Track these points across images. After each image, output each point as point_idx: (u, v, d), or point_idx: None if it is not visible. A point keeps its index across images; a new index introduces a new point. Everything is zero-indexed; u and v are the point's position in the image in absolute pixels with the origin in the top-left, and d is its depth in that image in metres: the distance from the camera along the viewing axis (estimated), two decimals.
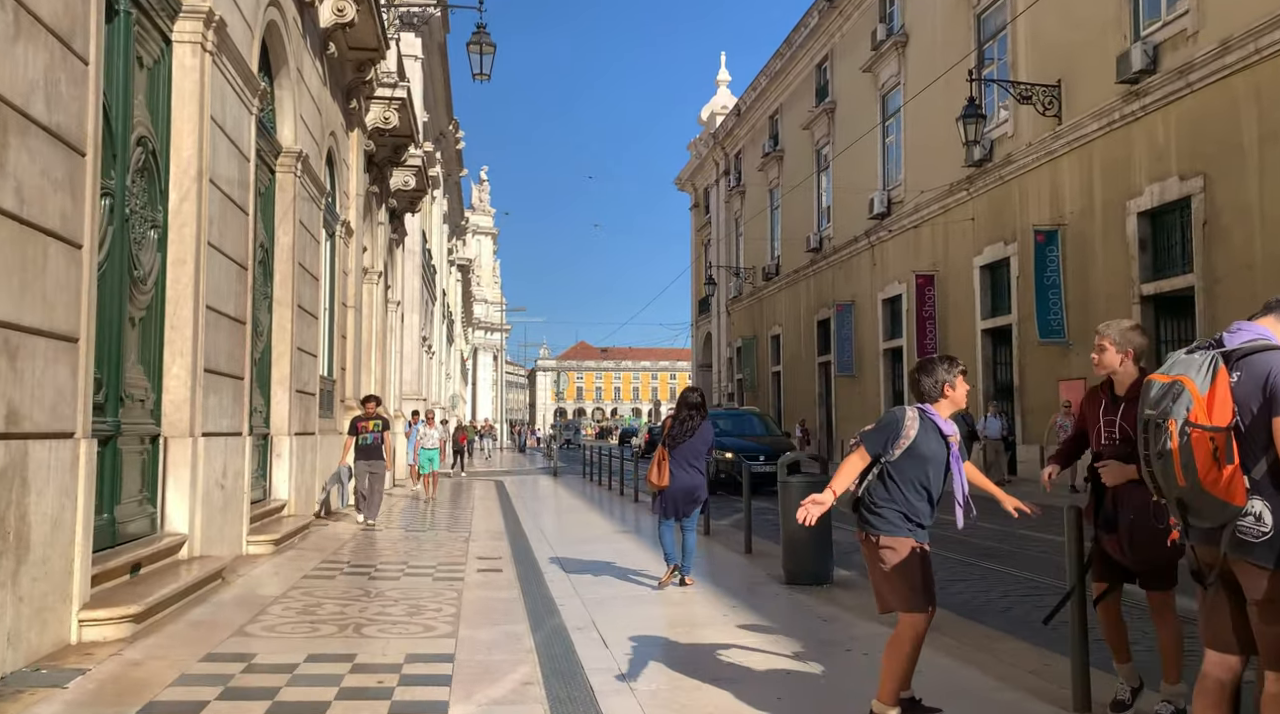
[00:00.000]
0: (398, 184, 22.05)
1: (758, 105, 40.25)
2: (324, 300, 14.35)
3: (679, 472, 8.48)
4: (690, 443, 8.46)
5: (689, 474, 8.47)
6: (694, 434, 8.47)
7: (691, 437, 8.46)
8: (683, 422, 8.56)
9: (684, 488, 8.44)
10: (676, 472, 8.49)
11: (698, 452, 8.47)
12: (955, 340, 24.07)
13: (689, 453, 8.45)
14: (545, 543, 10.92)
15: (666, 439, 8.70)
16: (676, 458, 8.51)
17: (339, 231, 15.22)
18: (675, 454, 8.52)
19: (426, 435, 16.94)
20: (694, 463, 8.46)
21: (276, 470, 11.37)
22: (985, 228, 22.69)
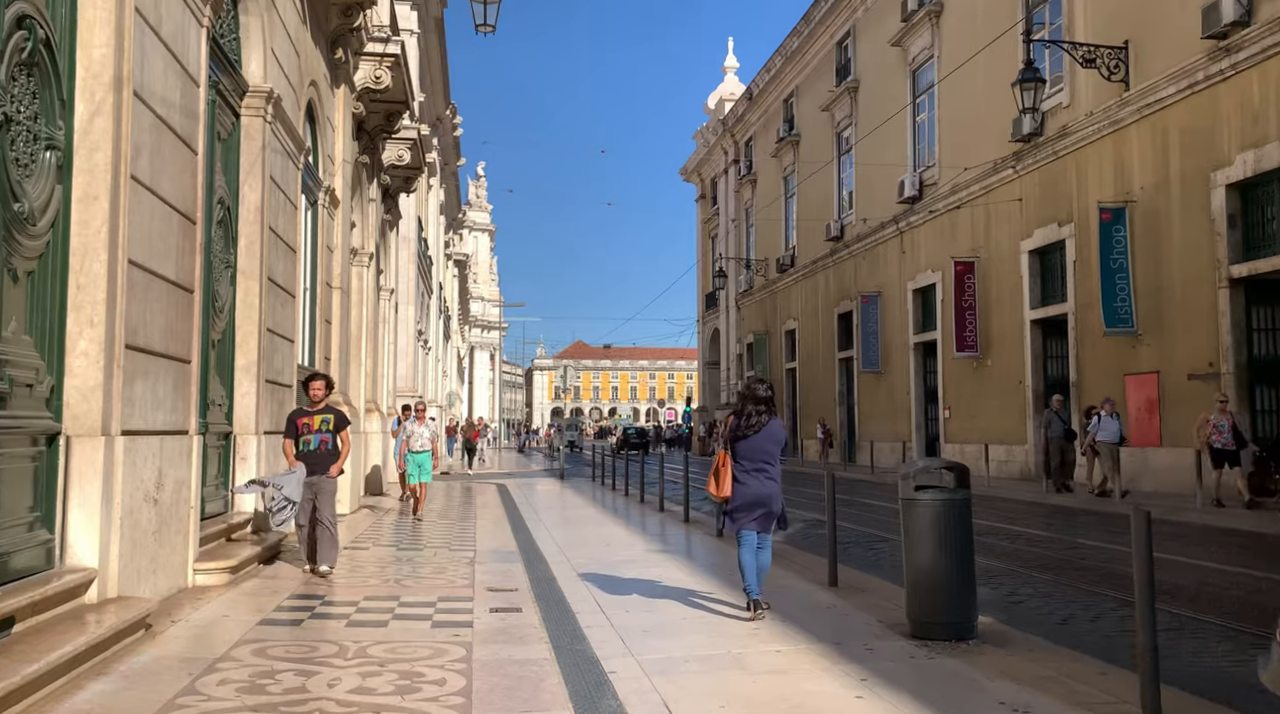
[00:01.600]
0: (391, 158, 20.07)
1: (771, 88, 38.28)
2: (303, 277, 12.35)
3: (745, 478, 6.63)
4: (756, 442, 6.63)
5: (757, 481, 6.62)
6: (760, 432, 6.61)
7: (757, 435, 6.62)
8: (747, 417, 6.70)
9: (752, 499, 6.61)
10: (742, 478, 6.62)
11: (767, 453, 6.63)
12: (999, 332, 22.11)
13: (756, 455, 6.62)
14: (567, 564, 8.94)
15: (727, 439, 6.79)
16: (741, 462, 6.59)
17: (322, 200, 13.22)
18: (740, 457, 6.61)
19: (415, 435, 13.63)
20: (763, 467, 6.62)
21: (242, 476, 9.36)
22: (1035, 209, 20.73)
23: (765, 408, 6.71)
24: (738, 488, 6.63)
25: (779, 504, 6.61)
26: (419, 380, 30.91)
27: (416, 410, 14.40)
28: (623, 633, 5.91)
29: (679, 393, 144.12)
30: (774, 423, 6.70)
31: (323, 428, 8.52)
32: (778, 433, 6.68)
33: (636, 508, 15.36)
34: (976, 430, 22.85)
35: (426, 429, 13.79)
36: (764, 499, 6.56)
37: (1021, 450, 21.01)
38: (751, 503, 6.59)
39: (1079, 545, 10.81)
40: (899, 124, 26.94)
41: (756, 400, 6.73)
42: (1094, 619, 6.60)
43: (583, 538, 11.27)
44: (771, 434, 6.64)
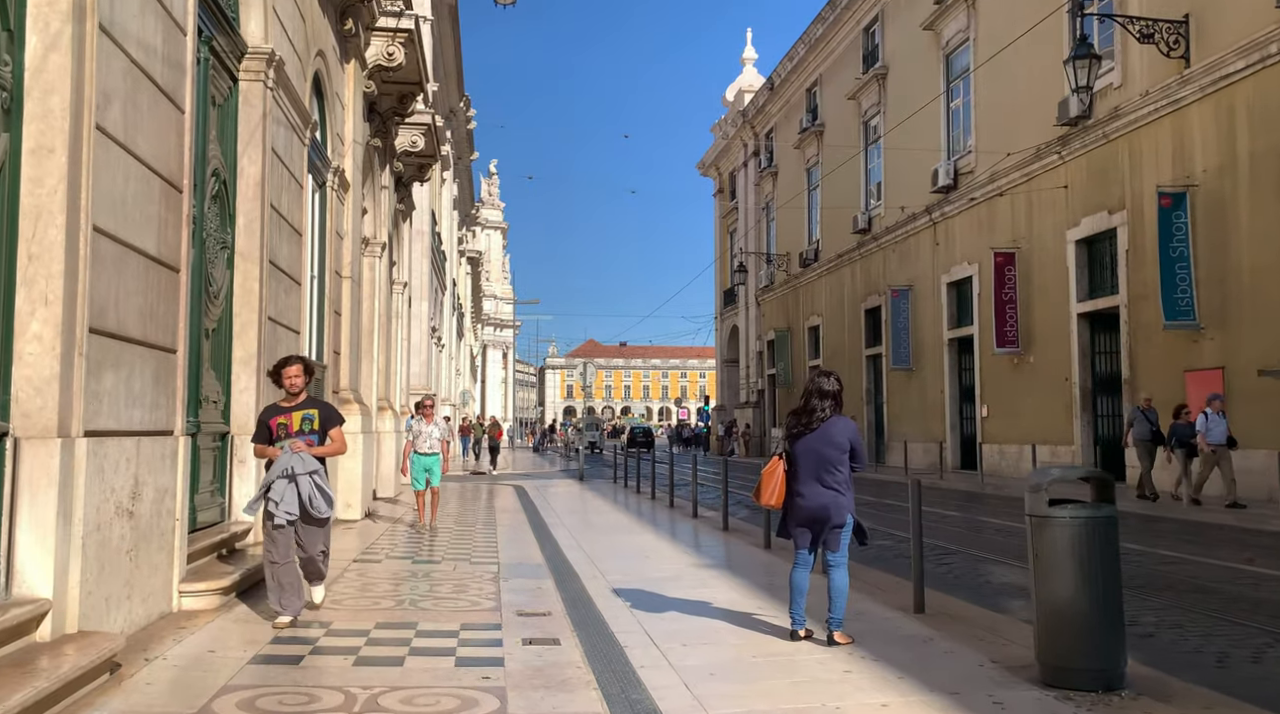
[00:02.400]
0: (404, 144, 19.10)
1: (794, 78, 37.19)
2: (310, 264, 11.39)
3: (804, 486, 5.64)
4: (816, 443, 5.64)
5: (815, 489, 5.63)
6: (820, 429, 5.66)
7: (815, 433, 5.66)
8: (809, 413, 5.69)
9: (811, 509, 5.64)
10: (801, 486, 5.64)
11: (830, 458, 5.62)
12: (1042, 326, 21.01)
13: (817, 458, 5.63)
14: (601, 580, 7.95)
15: (786, 439, 5.79)
16: (801, 466, 5.64)
17: (331, 182, 12.26)
18: (797, 460, 5.65)
19: (422, 435, 12.01)
20: (826, 472, 5.63)
21: (240, 482, 8.40)
22: (1082, 196, 19.61)
23: (830, 402, 5.71)
24: (793, 499, 5.64)
25: (842, 515, 5.59)
26: (432, 378, 30.01)
27: (424, 407, 12.44)
28: (685, 676, 4.90)
29: (692, 391, 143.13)
30: (840, 421, 5.69)
31: (304, 428, 6.30)
32: (843, 432, 5.66)
33: (665, 513, 14.36)
34: (1018, 430, 21.74)
35: (436, 429, 12.04)
36: (821, 511, 5.57)
37: (1068, 451, 19.90)
38: (808, 517, 5.60)
39: (1187, 561, 9.74)
40: (931, 111, 25.82)
41: (821, 393, 5.72)
42: (1254, 658, 5.55)
43: (614, 548, 10.27)
44: (835, 433, 5.63)
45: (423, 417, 12.22)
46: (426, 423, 12.09)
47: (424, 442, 12.00)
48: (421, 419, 12.20)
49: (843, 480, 5.58)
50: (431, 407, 12.44)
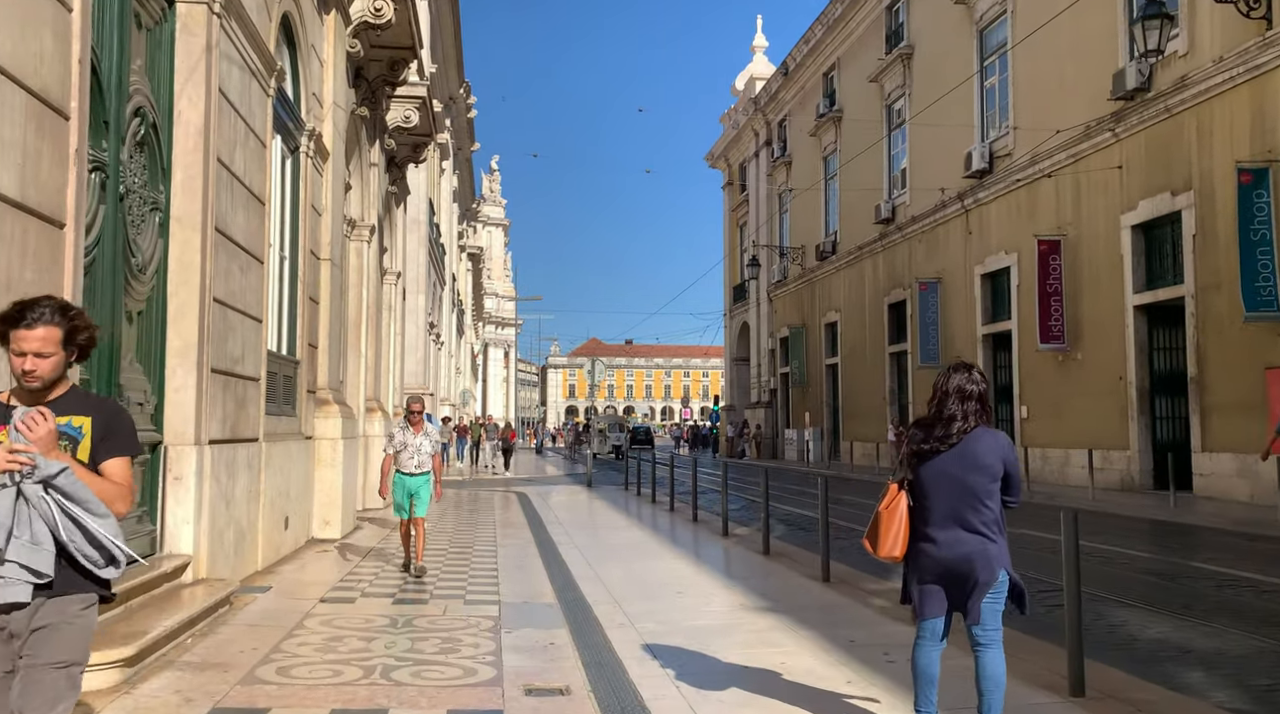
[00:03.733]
0: (396, 119, 17.40)
1: (809, 62, 35.45)
2: (277, 240, 9.69)
3: (938, 529, 3.89)
4: (954, 466, 3.88)
5: (953, 534, 3.87)
6: (961, 447, 3.89)
7: (954, 451, 3.89)
8: (946, 423, 3.92)
9: (949, 562, 3.88)
10: (932, 529, 3.90)
11: (975, 488, 3.86)
12: (1092, 320, 19.29)
13: (957, 489, 3.87)
14: (631, 631, 6.26)
15: (908, 460, 4.03)
16: (933, 499, 3.90)
17: (306, 147, 10.56)
18: (930, 490, 3.90)
19: (408, 449, 8.85)
20: (971, 509, 3.86)
21: (174, 504, 6.70)
22: (1140, 176, 17.89)
23: (975, 408, 3.95)
24: (920, 546, 3.91)
25: (993, 570, 3.82)
26: (430, 376, 28.33)
27: (410, 411, 9.05)
28: None
29: (695, 391, 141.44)
30: (987, 434, 3.92)
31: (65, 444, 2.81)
32: (993, 451, 3.89)
33: (688, 529, 12.65)
34: (1063, 433, 20.03)
35: (426, 440, 8.91)
36: (963, 565, 3.83)
37: (1121, 456, 18.18)
38: (942, 572, 3.87)
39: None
40: (963, 91, 24.09)
41: (961, 395, 3.95)
42: None
43: (638, 579, 8.56)
44: (982, 452, 3.86)
45: (409, 424, 8.97)
46: (414, 432, 8.89)
47: (410, 457, 8.83)
48: (407, 427, 8.96)
49: (992, 520, 3.85)
50: (421, 412, 9.09)
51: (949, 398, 3.93)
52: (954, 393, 3.93)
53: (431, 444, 8.93)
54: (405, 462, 8.81)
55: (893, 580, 8.62)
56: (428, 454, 8.90)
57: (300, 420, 10.43)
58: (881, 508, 3.98)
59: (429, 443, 8.93)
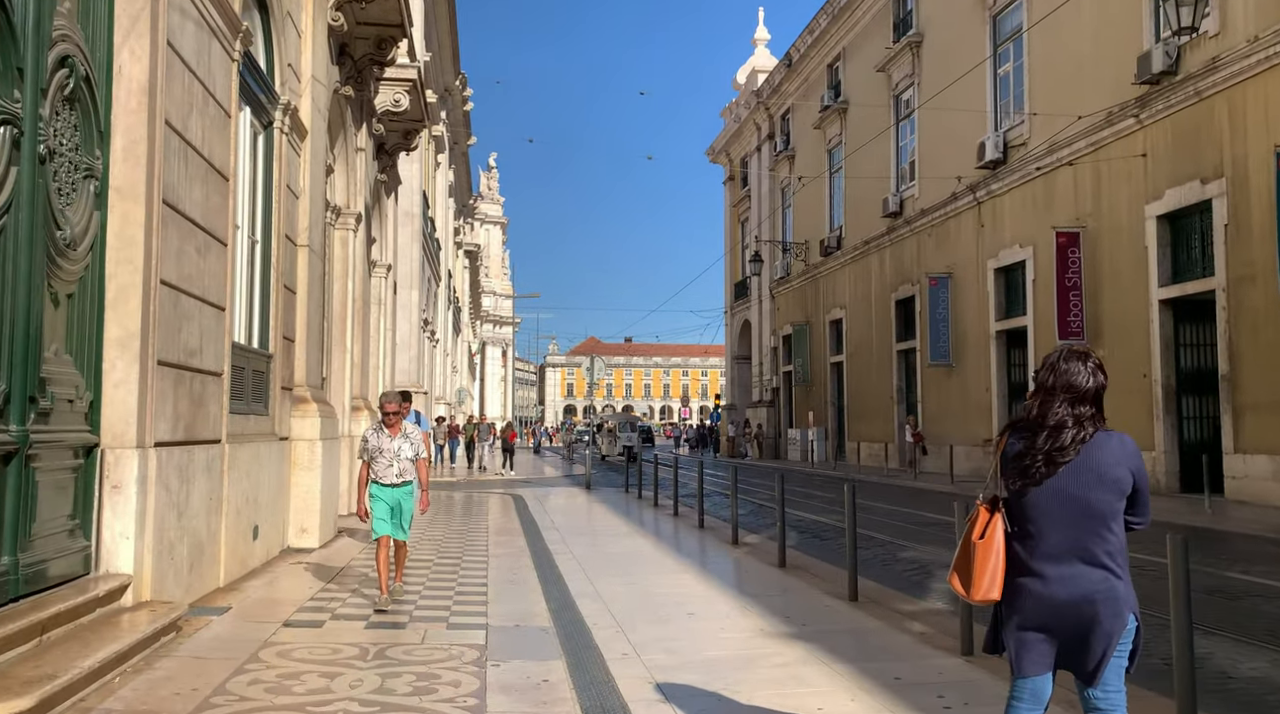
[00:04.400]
0: (386, 103, 16.54)
1: (814, 52, 34.61)
2: (243, 219, 8.84)
3: (1047, 562, 2.98)
4: (1073, 483, 2.96)
5: (1076, 568, 2.96)
6: (1082, 458, 2.97)
7: (1073, 465, 2.96)
8: (1056, 430, 3.01)
9: (1062, 603, 2.96)
10: (1039, 562, 3.00)
11: (1099, 509, 2.95)
12: (1114, 315, 18.46)
13: (1078, 511, 2.96)
14: (637, 662, 5.44)
15: (1007, 479, 3.09)
16: (1043, 525, 2.98)
17: (280, 122, 9.70)
18: (1038, 515, 2.98)
19: (384, 454, 7.27)
20: (1092, 536, 2.96)
21: (112, 516, 5.84)
22: (1166, 164, 17.05)
23: (1091, 413, 3.05)
24: (1023, 583, 3.01)
25: (1122, 614, 2.92)
26: (424, 374, 27.48)
27: (384, 411, 7.43)
28: None
29: (694, 390, 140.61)
30: (1111, 438, 3.01)
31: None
32: (1121, 461, 2.97)
33: (694, 537, 11.80)
34: None
35: (407, 443, 7.34)
36: (1083, 608, 2.92)
37: (1146, 457, 17.26)
38: (1051, 617, 2.97)
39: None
40: (976, 79, 23.25)
41: (1074, 396, 3.02)
42: None
43: (645, 596, 7.70)
44: (1108, 464, 2.95)
45: (383, 426, 7.37)
46: (389, 434, 7.31)
47: (387, 465, 7.24)
48: (382, 429, 7.35)
49: (1117, 549, 2.97)
50: (398, 412, 7.50)
51: (1055, 399, 3.03)
52: (1062, 392, 3.03)
53: (413, 447, 7.40)
54: (383, 470, 7.28)
55: (928, 599, 7.77)
56: (409, 459, 7.36)
57: (274, 420, 9.57)
58: (974, 538, 3.09)
59: (409, 446, 7.38)
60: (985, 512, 3.12)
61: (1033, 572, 2.99)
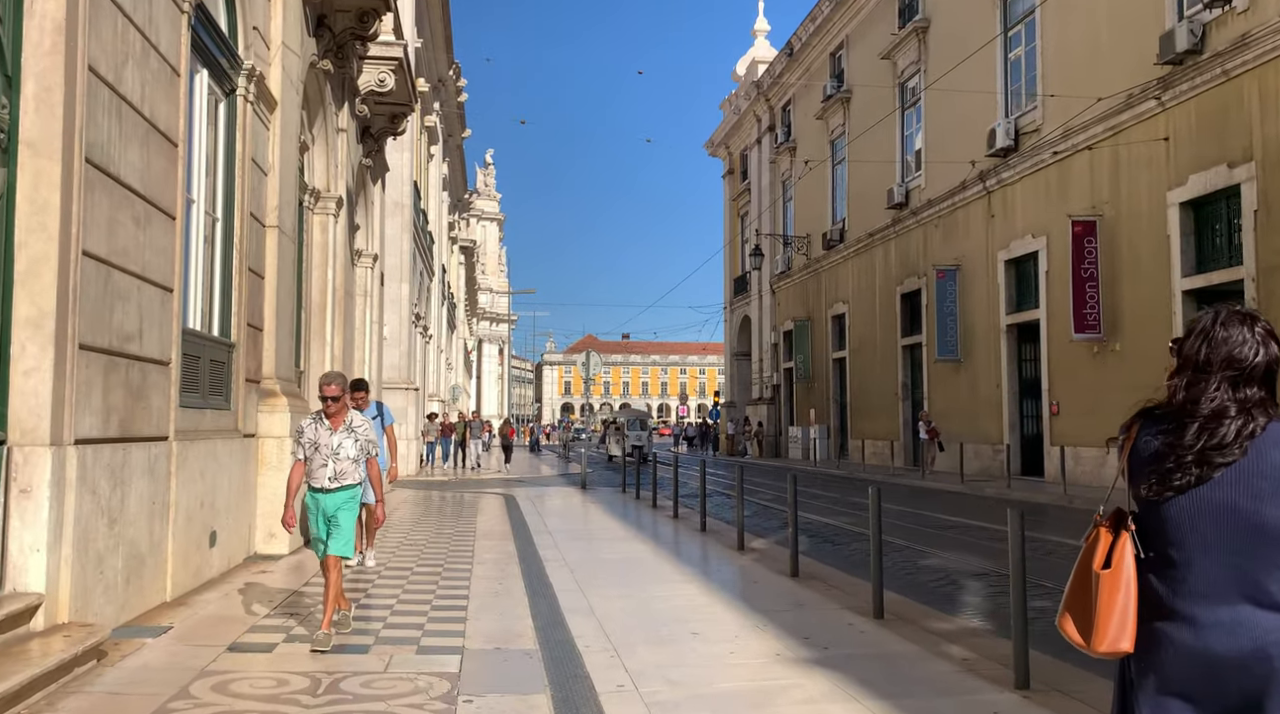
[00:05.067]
0: (370, 82, 15.70)
1: (816, 41, 33.79)
2: (200, 193, 8.01)
3: (1200, 604, 2.09)
4: (1238, 493, 2.08)
5: (1243, 611, 2.04)
6: (1250, 459, 2.08)
7: (1237, 468, 2.08)
8: (1210, 423, 2.13)
9: (1227, 659, 2.07)
10: (1189, 604, 2.11)
11: (1272, 527, 2.05)
12: (1133, 307, 17.66)
13: (1243, 533, 2.07)
14: (633, 694, 4.66)
15: (1140, 487, 2.23)
16: (1194, 553, 2.09)
17: (245, 90, 8.86)
18: (1185, 536, 2.10)
19: (321, 450, 5.89)
20: (1270, 566, 2.06)
21: (19, 525, 5.01)
22: (1190, 148, 16.24)
23: (1258, 394, 2.20)
24: (1164, 630, 2.15)
25: None
26: (414, 370, 26.63)
27: (324, 397, 5.91)
28: None
29: (692, 388, 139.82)
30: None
31: None
32: None
33: (696, 541, 10.99)
34: (1099, 431, 18.30)
35: (350, 438, 5.93)
36: (1251, 667, 2.05)
37: None
38: (1207, 676, 2.09)
39: None
40: (985, 64, 22.44)
41: (1237, 371, 2.18)
42: None
43: (644, 612, 6.88)
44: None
45: (323, 416, 5.92)
46: (331, 427, 5.89)
47: (320, 463, 5.85)
48: (321, 419, 5.92)
49: None
50: (342, 398, 5.92)
51: (1211, 378, 2.19)
52: (1221, 368, 2.19)
53: (359, 445, 5.93)
54: (315, 470, 5.85)
55: (961, 616, 6.95)
56: (351, 459, 5.88)
57: (237, 415, 8.74)
58: (1096, 567, 2.26)
59: (354, 443, 5.90)
60: (1108, 532, 2.28)
61: (1178, 615, 2.15)
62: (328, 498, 5.89)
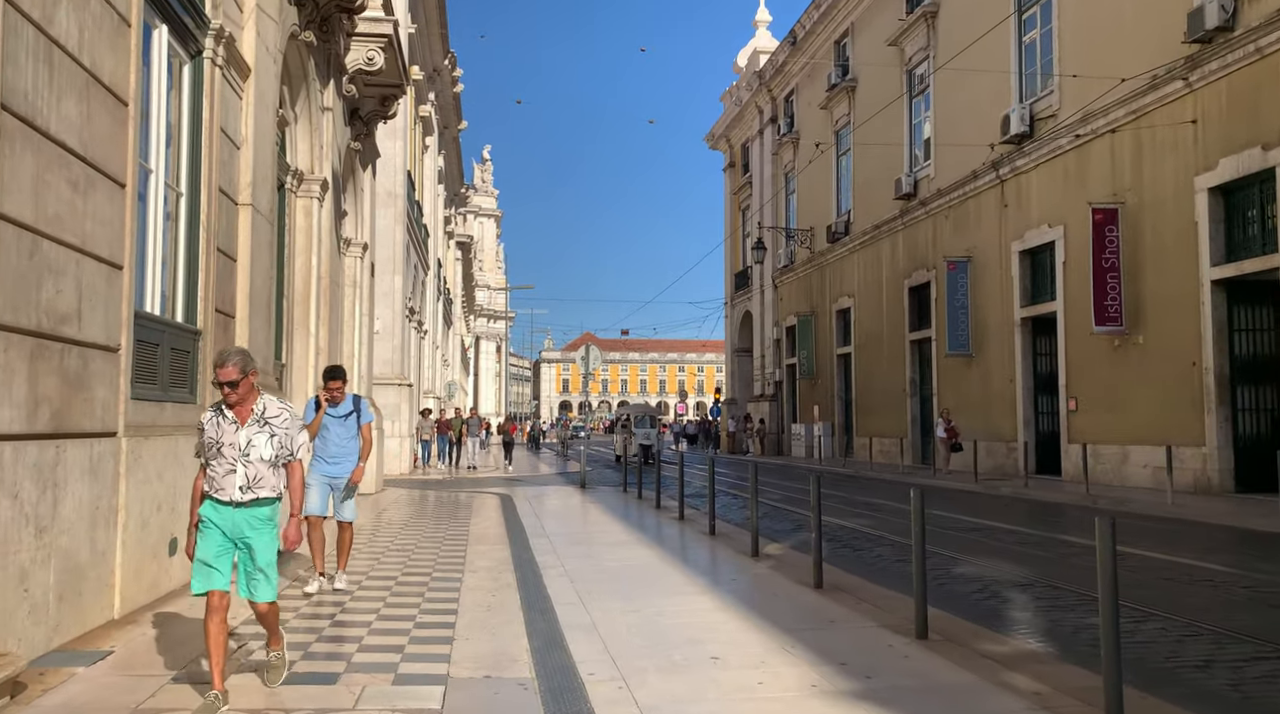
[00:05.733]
0: (357, 60, 14.91)
1: (819, 29, 33.00)
2: (159, 163, 7.22)
3: None
4: None
5: None
6: None
7: None
8: None
9: None
10: None
11: None
12: (1157, 298, 16.89)
13: None
14: None
15: None
16: None
17: (212, 51, 8.06)
18: None
19: (222, 455, 4.38)
20: None
21: None
22: (1220, 130, 15.47)
23: None
24: None
25: None
26: (408, 365, 25.84)
27: (220, 382, 4.38)
28: None
29: (690, 386, 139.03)
30: None
31: None
32: None
33: (705, 546, 10.21)
34: (1120, 428, 17.62)
35: (265, 435, 4.46)
36: None
37: (1195, 453, 15.76)
38: None
39: None
40: (999, 48, 21.66)
41: None
42: None
43: (655, 630, 6.10)
44: None
45: (223, 407, 4.50)
46: (237, 421, 4.46)
47: (224, 469, 4.41)
48: (221, 412, 4.49)
49: None
50: (240, 383, 4.40)
51: None
52: None
53: (279, 442, 4.47)
54: (221, 479, 4.36)
55: (1015, 635, 6.16)
56: (266, 462, 4.42)
57: (203, 410, 7.94)
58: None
59: (269, 440, 4.43)
60: None
61: None
62: (238, 514, 4.39)
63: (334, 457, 7.43)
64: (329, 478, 7.46)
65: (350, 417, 7.51)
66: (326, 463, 7.44)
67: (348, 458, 7.44)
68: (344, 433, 7.46)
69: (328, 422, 7.47)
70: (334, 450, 7.43)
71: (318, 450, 7.46)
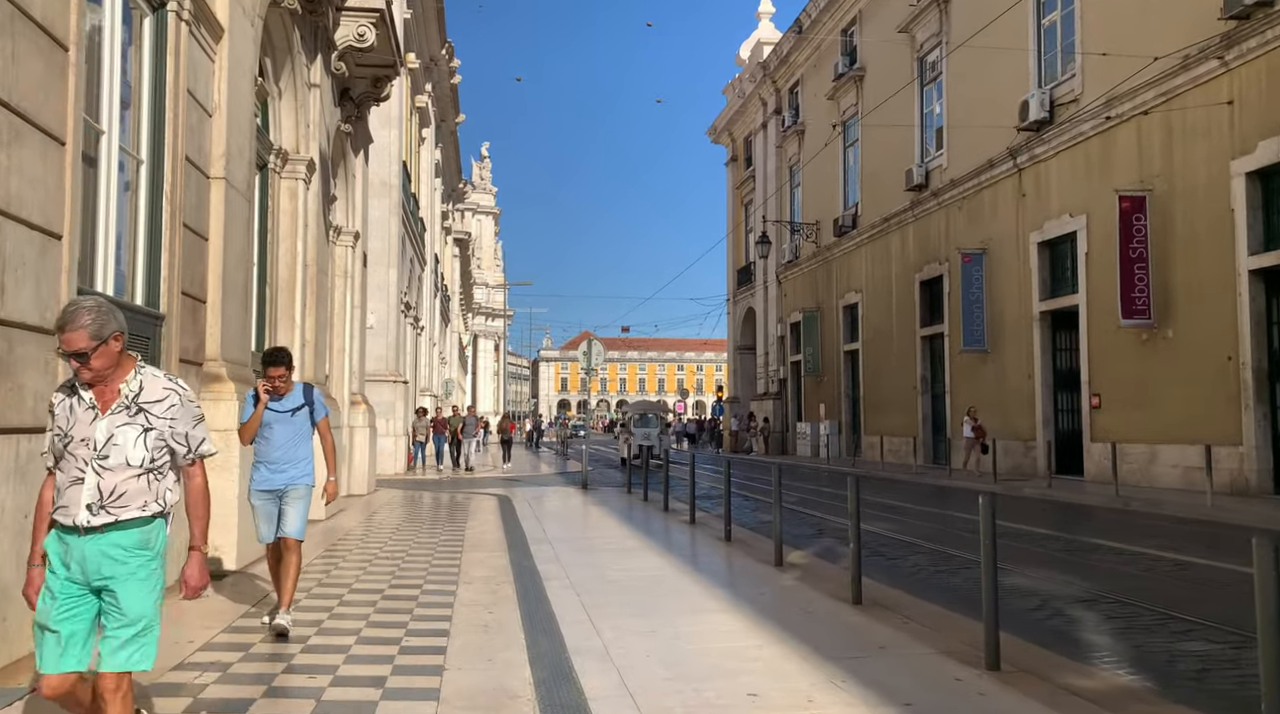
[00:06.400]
0: (347, 36, 14.06)
1: (825, 17, 32.18)
2: (111, 123, 6.38)
3: None
4: None
5: None
6: None
7: None
8: None
9: None
10: None
11: None
12: (1189, 290, 16.07)
13: None
14: None
15: None
16: None
17: (178, 6, 7.23)
18: None
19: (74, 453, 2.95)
20: None
21: None
22: (1259, 112, 14.66)
23: None
24: None
25: None
26: (403, 361, 25.02)
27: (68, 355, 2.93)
28: None
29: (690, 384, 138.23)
30: None
31: None
32: None
33: (721, 553, 9.38)
34: (1148, 426, 16.81)
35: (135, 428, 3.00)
36: None
37: (1232, 453, 14.96)
38: None
39: None
40: (1016, 31, 20.84)
41: None
42: None
43: (677, 656, 5.27)
44: None
45: (78, 387, 3.03)
46: (98, 407, 3.02)
47: (77, 477, 2.96)
48: (76, 395, 3.04)
49: None
50: (93, 357, 2.94)
51: None
52: None
53: (154, 438, 3.05)
54: (66, 490, 2.99)
55: (1099, 663, 5.33)
56: (133, 469, 3.01)
57: None
58: None
59: (140, 437, 3.03)
60: None
61: None
62: (89, 545, 2.95)
63: (276, 462, 5.82)
64: (272, 491, 5.86)
65: (300, 411, 5.91)
66: (268, 470, 5.85)
67: (295, 464, 5.86)
68: (290, 432, 5.86)
69: (269, 419, 5.82)
70: (277, 454, 5.82)
71: (258, 454, 5.91)
